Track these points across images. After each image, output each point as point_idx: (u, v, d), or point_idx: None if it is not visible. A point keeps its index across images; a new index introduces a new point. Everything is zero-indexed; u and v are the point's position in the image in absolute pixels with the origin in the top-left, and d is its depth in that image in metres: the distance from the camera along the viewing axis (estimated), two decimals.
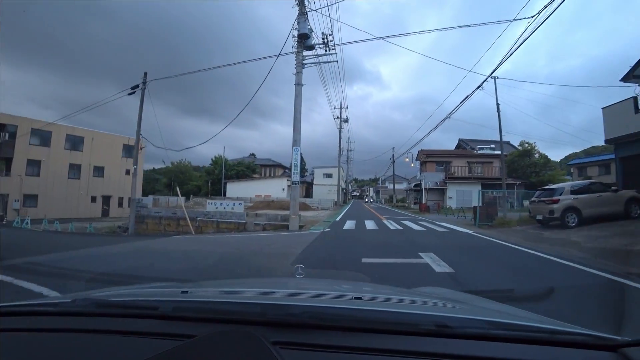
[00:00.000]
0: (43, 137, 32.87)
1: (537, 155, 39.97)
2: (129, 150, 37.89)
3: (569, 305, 3.84)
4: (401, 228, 14.30)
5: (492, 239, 10.60)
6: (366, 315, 1.08)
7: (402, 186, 63.79)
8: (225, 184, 46.71)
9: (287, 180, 45.62)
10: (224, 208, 16.55)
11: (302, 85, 14.93)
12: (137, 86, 17.74)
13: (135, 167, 16.41)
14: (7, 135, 31.78)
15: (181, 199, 16.23)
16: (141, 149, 16.94)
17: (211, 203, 16.92)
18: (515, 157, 37.75)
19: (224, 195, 44.77)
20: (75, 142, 35.04)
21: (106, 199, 36.96)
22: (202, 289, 1.83)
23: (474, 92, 16.30)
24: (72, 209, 33.77)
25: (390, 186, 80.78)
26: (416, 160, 42.13)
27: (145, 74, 17.73)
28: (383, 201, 66.33)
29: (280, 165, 62.05)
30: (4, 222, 26.81)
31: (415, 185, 39.96)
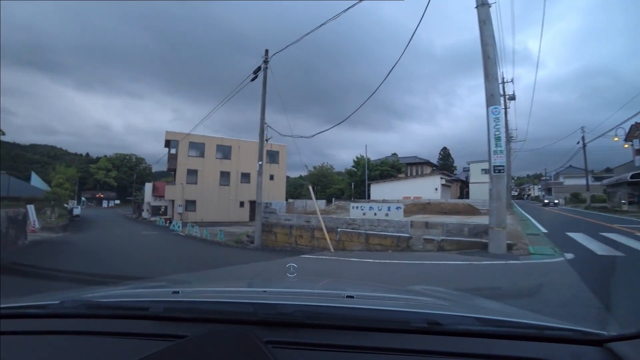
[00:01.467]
0: (199, 148, 35.52)
1: None
2: (273, 156, 38.30)
3: None
4: None
5: None
6: (358, 313, 1.08)
7: (580, 181, 48.27)
8: (369, 185, 42.58)
9: (441, 178, 38.62)
10: (375, 214, 11.68)
11: (489, 5, 8.90)
12: (259, 69, 14.72)
13: (260, 163, 13.17)
14: (173, 149, 35.13)
15: (316, 202, 12.00)
16: (267, 140, 13.63)
17: (356, 207, 12.24)
18: None
19: (368, 197, 40.87)
20: (224, 151, 36.84)
21: (253, 204, 37.39)
22: (193, 288, 1.81)
23: None
24: (224, 214, 35.58)
25: (567, 182, 64.35)
26: (626, 140, 29.78)
27: (267, 51, 14.58)
28: (563, 201, 51.20)
29: (428, 163, 54.86)
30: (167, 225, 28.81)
31: (633, 177, 27.59)
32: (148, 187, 43.05)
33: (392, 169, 49.72)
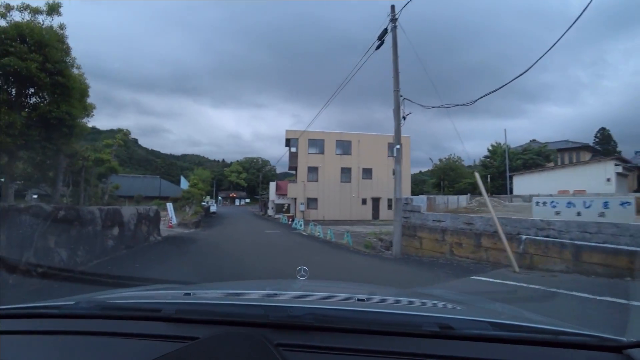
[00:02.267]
0: (318, 145, 34.71)
1: None
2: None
3: None
4: None
5: None
6: (369, 317, 1.07)
7: None
8: (510, 177, 35.58)
9: (616, 165, 29.50)
10: (578, 214, 7.51)
11: None
12: (385, 32, 11.80)
13: (397, 147, 10.07)
14: (293, 148, 35.11)
15: (487, 197, 8.32)
16: (404, 118, 10.46)
17: (542, 203, 8.19)
18: None
19: (510, 192, 34.26)
20: (344, 147, 35.43)
21: (375, 201, 35.10)
22: (204, 290, 1.81)
23: None
24: (346, 211, 34.00)
25: None
26: None
27: (392, 7, 11.56)
28: None
29: (586, 147, 43.73)
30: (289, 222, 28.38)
31: None
32: (272, 186, 44.54)
33: (538, 157, 40.97)
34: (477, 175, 8.29)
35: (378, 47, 12.46)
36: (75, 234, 8.39)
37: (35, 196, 17.97)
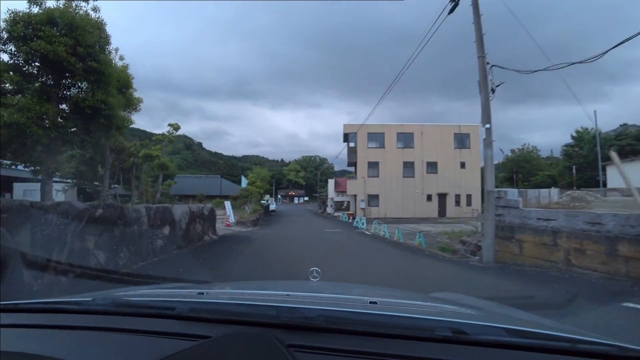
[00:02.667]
0: (378, 139, 32.74)
1: None
2: (461, 140, 32.11)
3: None
4: None
5: None
6: (381, 320, 1.05)
7: None
8: (603, 167, 30.39)
9: None
10: None
11: None
12: None
13: (487, 126, 7.88)
14: (352, 143, 33.61)
15: (633, 187, 5.96)
16: (492, 91, 8.27)
17: None
18: None
19: (604, 185, 29.26)
20: (405, 139, 33.10)
21: (442, 197, 32.23)
22: (218, 290, 1.84)
23: None
24: (409, 209, 31.80)
25: None
26: None
27: None
28: None
29: None
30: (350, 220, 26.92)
31: None
32: (331, 183, 43.44)
33: (638, 142, 34.53)
34: (613, 155, 6.01)
35: (452, 11, 10.44)
36: (118, 234, 7.68)
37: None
